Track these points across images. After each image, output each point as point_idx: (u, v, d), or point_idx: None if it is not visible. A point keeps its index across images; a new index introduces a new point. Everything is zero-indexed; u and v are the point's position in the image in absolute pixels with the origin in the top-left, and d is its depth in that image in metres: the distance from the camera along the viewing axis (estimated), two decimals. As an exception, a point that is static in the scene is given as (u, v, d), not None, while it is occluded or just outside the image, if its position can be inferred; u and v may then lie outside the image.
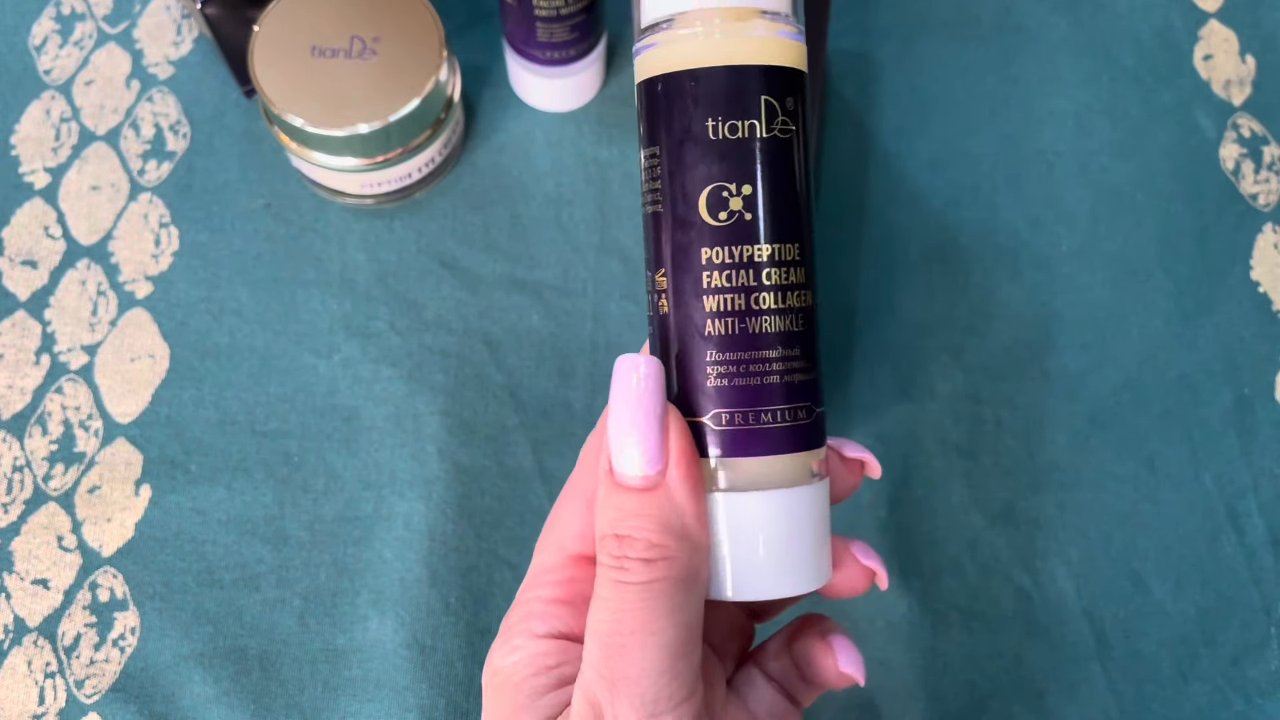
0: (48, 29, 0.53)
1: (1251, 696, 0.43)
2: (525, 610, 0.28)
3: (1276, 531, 0.45)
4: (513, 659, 0.28)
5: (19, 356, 0.47)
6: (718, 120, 0.27)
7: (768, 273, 0.28)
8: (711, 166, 0.27)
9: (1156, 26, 0.53)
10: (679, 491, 0.26)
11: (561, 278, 0.49)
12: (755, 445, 0.27)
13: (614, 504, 0.26)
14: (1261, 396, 0.47)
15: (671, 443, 0.26)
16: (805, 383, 0.28)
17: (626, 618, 0.25)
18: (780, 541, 0.27)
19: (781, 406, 0.28)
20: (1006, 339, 0.48)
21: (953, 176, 0.50)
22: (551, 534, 0.29)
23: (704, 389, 0.27)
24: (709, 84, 0.27)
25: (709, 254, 0.27)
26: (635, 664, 0.25)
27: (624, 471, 0.26)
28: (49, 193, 0.50)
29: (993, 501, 0.46)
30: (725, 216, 0.27)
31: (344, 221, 0.49)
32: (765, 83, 0.27)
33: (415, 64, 0.45)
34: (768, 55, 0.27)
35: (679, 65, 0.27)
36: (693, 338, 0.27)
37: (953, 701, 0.43)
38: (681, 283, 0.28)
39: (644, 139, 0.29)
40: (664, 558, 0.26)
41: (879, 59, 0.53)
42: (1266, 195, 0.50)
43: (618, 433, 0.27)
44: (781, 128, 0.28)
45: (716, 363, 0.27)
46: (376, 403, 0.47)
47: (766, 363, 0.27)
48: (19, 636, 0.43)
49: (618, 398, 0.27)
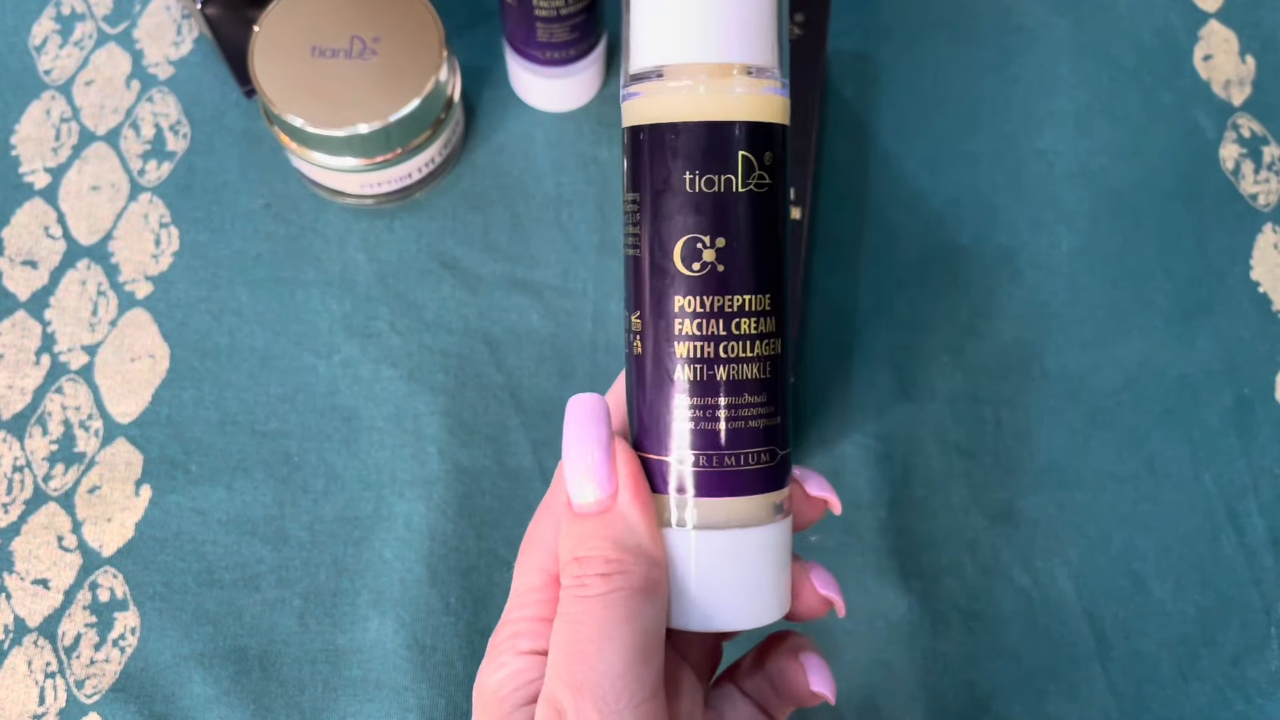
0: (48, 29, 0.53)
1: (1251, 696, 0.43)
2: (512, 629, 0.29)
3: (1276, 531, 0.45)
4: (498, 676, 0.29)
5: (19, 356, 0.47)
6: (695, 174, 0.28)
7: (738, 322, 0.28)
8: (688, 218, 0.28)
9: (1156, 26, 0.53)
10: (630, 511, 0.28)
11: (561, 278, 0.49)
12: (721, 486, 0.28)
13: (573, 532, 0.28)
14: (1261, 396, 0.47)
15: (620, 468, 0.28)
16: (770, 428, 0.29)
17: (585, 626, 0.27)
18: (742, 577, 0.29)
19: (747, 450, 0.29)
20: (1006, 339, 0.48)
21: (953, 176, 0.50)
22: (530, 554, 0.30)
23: (672, 430, 0.28)
24: (688, 138, 0.28)
25: (682, 302, 0.28)
26: (595, 667, 0.26)
27: (579, 501, 0.29)
28: (49, 193, 0.50)
29: (993, 501, 0.46)
30: (699, 267, 0.28)
31: (344, 221, 0.49)
32: (744, 139, 0.28)
33: (415, 64, 0.45)
34: (748, 111, 0.28)
35: (660, 118, 0.28)
36: (664, 381, 0.28)
37: (953, 701, 0.43)
38: (655, 327, 0.29)
39: (626, 183, 0.29)
40: (620, 571, 0.27)
41: (879, 59, 0.53)
42: (1266, 195, 0.50)
43: (570, 466, 0.29)
44: (758, 182, 0.28)
45: (686, 406, 0.28)
46: (376, 403, 0.47)
47: (734, 408, 0.28)
48: (19, 636, 0.43)
49: (568, 434, 0.29)
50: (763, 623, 0.29)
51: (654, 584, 0.28)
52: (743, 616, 0.29)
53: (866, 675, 0.43)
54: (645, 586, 0.28)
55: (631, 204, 0.29)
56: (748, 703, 0.32)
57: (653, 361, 0.29)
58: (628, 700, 0.26)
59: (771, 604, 0.29)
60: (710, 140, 0.28)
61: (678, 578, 0.29)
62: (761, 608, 0.29)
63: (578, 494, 0.29)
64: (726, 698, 0.32)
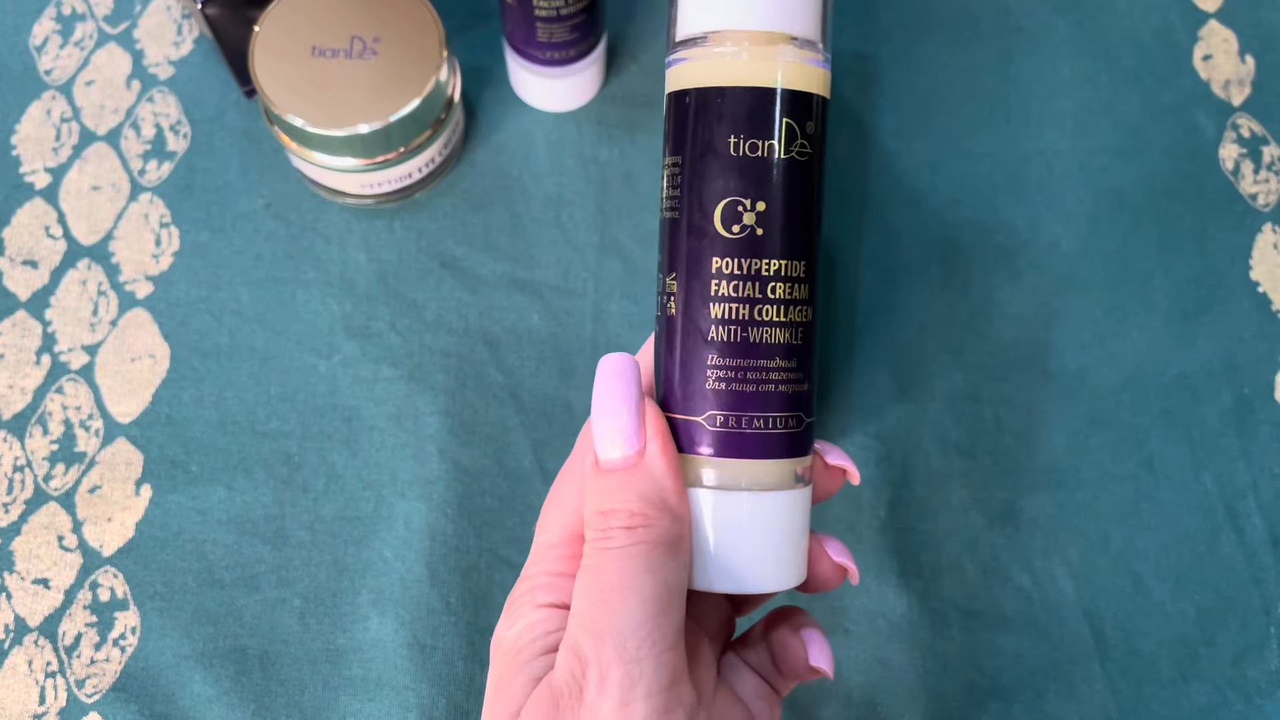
0: (48, 29, 0.53)
1: (1251, 696, 0.43)
2: (530, 584, 0.30)
3: (1276, 531, 0.45)
4: (515, 628, 0.29)
5: (20, 356, 0.47)
6: (739, 138, 0.29)
7: (773, 286, 0.29)
8: (730, 181, 0.29)
9: (1156, 26, 0.53)
10: (656, 466, 0.28)
11: (561, 278, 0.49)
12: (746, 448, 0.29)
13: (598, 486, 0.29)
14: (1261, 396, 0.47)
15: (648, 425, 0.29)
16: (799, 394, 0.29)
17: (609, 575, 0.27)
18: (762, 540, 0.29)
19: (774, 414, 0.29)
20: (1006, 339, 0.48)
21: (953, 176, 0.50)
22: (551, 512, 0.31)
23: (703, 390, 0.29)
24: (734, 103, 0.28)
25: (719, 264, 0.29)
26: (617, 615, 0.27)
27: (606, 456, 0.29)
28: (49, 193, 0.50)
29: (993, 501, 0.46)
30: (738, 230, 0.29)
31: (344, 221, 0.49)
32: (788, 106, 0.29)
33: (415, 64, 0.46)
34: (793, 80, 0.29)
35: (707, 82, 0.29)
36: (697, 341, 0.29)
37: (953, 701, 0.43)
38: (691, 288, 0.29)
39: (668, 147, 0.30)
40: (644, 525, 0.28)
41: (879, 59, 0.53)
42: (1266, 195, 0.50)
43: (599, 421, 0.29)
44: (800, 150, 0.29)
45: (717, 367, 0.29)
46: (377, 403, 0.47)
47: (764, 371, 0.29)
48: (19, 636, 0.43)
49: (598, 391, 0.29)
50: (781, 587, 0.30)
51: (677, 539, 0.28)
52: (762, 579, 0.29)
53: (866, 675, 0.43)
54: (669, 541, 0.28)
55: (673, 166, 0.29)
56: (753, 675, 0.33)
57: (686, 322, 0.29)
58: (649, 649, 0.27)
59: (790, 569, 0.30)
60: (755, 105, 0.28)
61: (699, 538, 0.29)
62: (780, 572, 0.30)
63: (605, 450, 0.29)
64: (733, 668, 0.33)
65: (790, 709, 0.43)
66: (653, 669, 0.27)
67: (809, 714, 0.43)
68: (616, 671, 0.26)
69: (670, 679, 0.27)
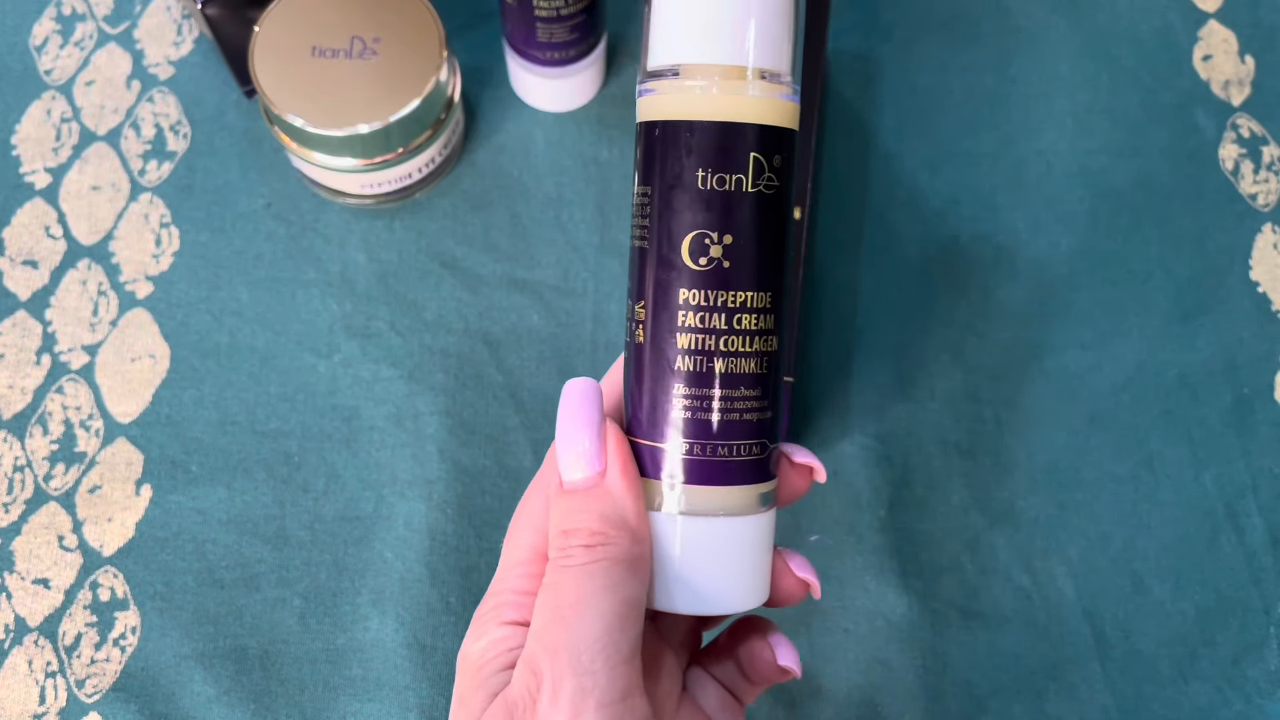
0: (48, 29, 0.53)
1: (1251, 696, 0.43)
2: (495, 601, 0.30)
3: (1276, 531, 0.45)
4: (480, 644, 0.30)
5: (20, 356, 0.47)
6: (707, 171, 0.29)
7: (739, 318, 0.29)
8: (697, 214, 0.29)
9: (1156, 26, 0.53)
10: (617, 487, 0.29)
11: (561, 278, 0.49)
12: (712, 475, 0.29)
13: (561, 507, 0.29)
14: (1261, 396, 0.47)
15: (609, 447, 0.29)
16: (763, 421, 0.30)
17: (567, 592, 0.28)
18: (727, 563, 0.30)
19: (740, 442, 0.30)
20: (1006, 339, 0.48)
21: (953, 176, 0.50)
22: (518, 530, 0.31)
23: (669, 418, 0.29)
24: (702, 136, 0.29)
25: (686, 295, 0.29)
26: (573, 631, 0.27)
27: (569, 477, 0.30)
28: (50, 193, 0.50)
29: (992, 501, 0.46)
30: (705, 262, 0.29)
31: (344, 221, 0.49)
32: (755, 140, 0.29)
33: (415, 64, 0.46)
34: (761, 114, 0.29)
35: (677, 114, 0.29)
36: (664, 370, 0.29)
37: (953, 701, 0.43)
38: (658, 318, 0.30)
39: (638, 176, 0.30)
40: (603, 543, 0.28)
41: (879, 59, 0.53)
42: (1266, 195, 0.50)
43: (562, 444, 0.30)
44: (767, 184, 0.29)
45: (683, 396, 0.29)
46: (377, 403, 0.47)
47: (730, 400, 0.29)
48: (20, 636, 0.44)
49: (562, 415, 0.30)
50: (744, 609, 0.30)
51: (636, 558, 0.29)
52: (725, 601, 0.30)
53: (866, 675, 0.43)
54: (628, 559, 0.28)
55: (642, 196, 0.30)
56: (717, 686, 0.34)
57: (654, 351, 0.30)
58: (603, 662, 0.27)
59: (753, 591, 0.30)
60: (724, 140, 0.29)
61: (664, 560, 0.30)
62: (744, 594, 0.30)
63: (568, 471, 0.30)
64: (697, 680, 0.34)
65: (790, 709, 0.43)
66: (606, 680, 0.27)
67: (809, 714, 0.43)
68: (569, 683, 0.27)
69: (624, 691, 0.27)
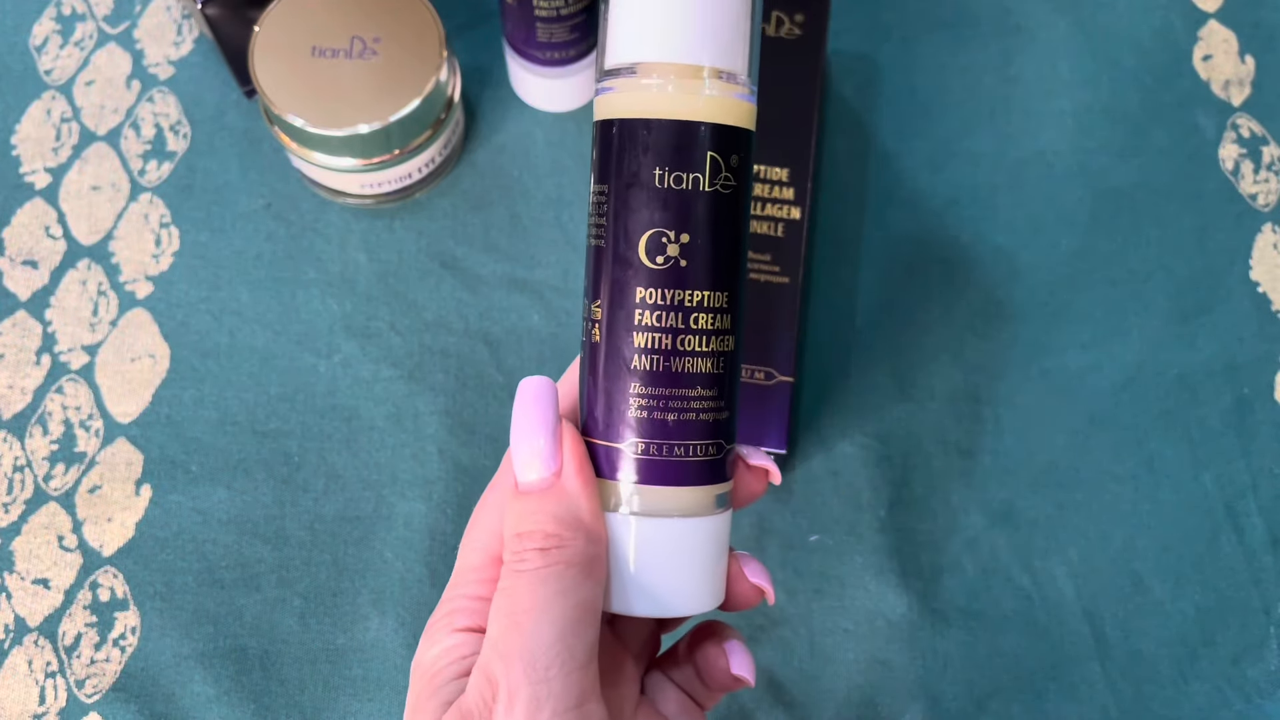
0: (48, 29, 0.53)
1: (1251, 696, 0.43)
2: (449, 608, 0.30)
3: (1276, 531, 0.45)
4: (432, 652, 0.29)
5: (20, 356, 0.47)
6: (664, 170, 0.29)
7: (696, 317, 0.29)
8: (654, 213, 0.29)
9: (1156, 27, 0.53)
10: (572, 486, 0.29)
11: (561, 278, 0.49)
12: (668, 475, 0.29)
13: (516, 509, 0.29)
14: (1261, 396, 0.47)
15: (565, 447, 0.29)
16: (719, 422, 0.30)
17: (521, 598, 0.28)
18: (682, 565, 0.30)
19: (695, 442, 0.29)
20: (1006, 339, 0.48)
21: (953, 176, 0.50)
22: (473, 535, 0.31)
23: (625, 418, 0.29)
24: (659, 135, 0.29)
25: (643, 293, 0.29)
26: (528, 637, 0.27)
27: (524, 478, 0.29)
28: (50, 193, 0.50)
29: (993, 501, 0.46)
30: (662, 260, 0.29)
31: (344, 221, 0.49)
32: (712, 140, 0.29)
33: (415, 64, 0.46)
34: (718, 114, 0.29)
35: (634, 113, 0.29)
36: (620, 369, 0.29)
37: (953, 701, 0.43)
38: (615, 317, 0.29)
39: (595, 175, 0.30)
40: (558, 546, 0.28)
41: (879, 59, 0.53)
42: (1266, 195, 0.50)
43: (517, 444, 0.29)
44: (724, 183, 0.29)
45: (639, 395, 0.29)
46: (377, 403, 0.47)
47: (686, 400, 0.29)
48: (19, 636, 0.44)
49: (516, 415, 0.30)
50: (698, 610, 0.30)
51: (592, 560, 0.29)
52: (680, 603, 0.30)
53: (866, 675, 0.43)
54: (583, 561, 0.28)
55: (599, 195, 0.30)
56: (676, 690, 0.33)
57: (610, 350, 0.30)
58: (558, 669, 0.27)
59: (708, 593, 0.30)
60: (681, 138, 0.29)
61: (619, 562, 0.29)
62: (699, 595, 0.30)
63: (523, 472, 0.29)
64: (657, 685, 0.34)
65: (790, 708, 0.43)
66: (561, 688, 0.27)
67: (809, 714, 0.43)
68: (524, 692, 0.27)
69: (579, 698, 0.27)
